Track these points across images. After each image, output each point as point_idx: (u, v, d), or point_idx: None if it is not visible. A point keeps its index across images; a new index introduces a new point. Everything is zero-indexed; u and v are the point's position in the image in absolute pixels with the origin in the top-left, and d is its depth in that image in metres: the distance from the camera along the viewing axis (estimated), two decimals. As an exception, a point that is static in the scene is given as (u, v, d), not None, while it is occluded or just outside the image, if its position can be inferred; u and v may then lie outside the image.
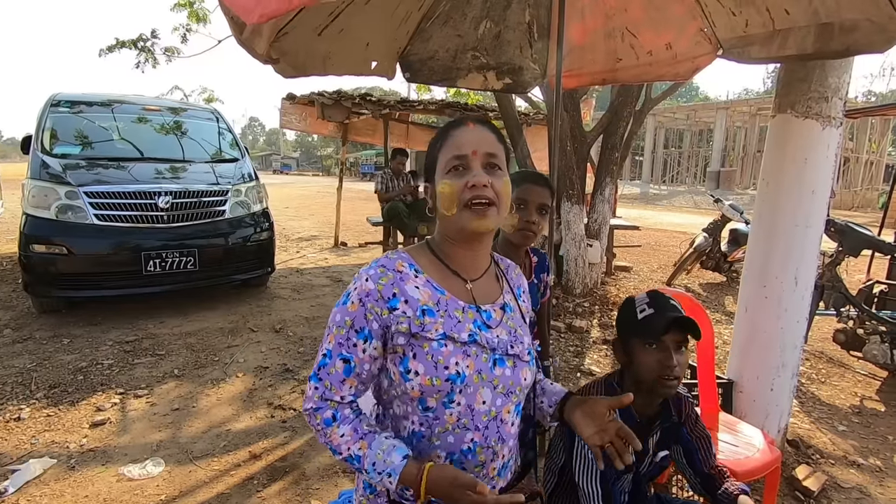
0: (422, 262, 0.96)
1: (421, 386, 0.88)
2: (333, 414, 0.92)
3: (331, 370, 0.91)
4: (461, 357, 0.89)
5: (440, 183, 0.93)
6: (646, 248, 8.61)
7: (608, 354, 3.98)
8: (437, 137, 0.99)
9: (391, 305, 0.89)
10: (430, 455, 0.92)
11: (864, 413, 3.21)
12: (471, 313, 0.94)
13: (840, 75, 2.33)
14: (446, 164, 0.93)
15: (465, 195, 0.90)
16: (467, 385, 0.89)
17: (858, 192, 20.68)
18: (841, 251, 3.77)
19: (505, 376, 0.93)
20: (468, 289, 0.97)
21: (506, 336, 0.96)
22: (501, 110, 5.67)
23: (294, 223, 11.02)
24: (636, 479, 1.36)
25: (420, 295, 0.91)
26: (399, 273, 0.92)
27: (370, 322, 0.90)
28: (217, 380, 3.26)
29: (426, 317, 0.90)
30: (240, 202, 4.82)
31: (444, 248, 0.99)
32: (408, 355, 0.89)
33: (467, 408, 0.90)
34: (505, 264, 1.10)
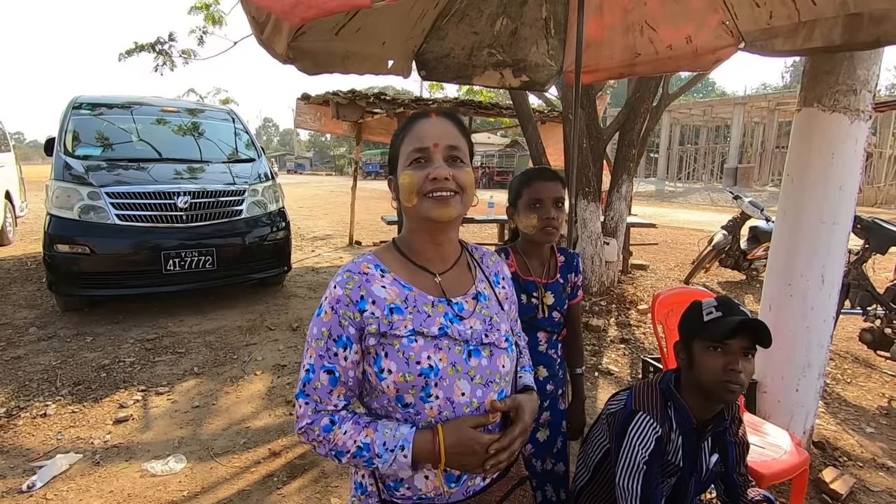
0: (388, 262, 0.96)
1: (395, 383, 0.88)
2: (331, 419, 0.90)
3: (316, 384, 0.90)
4: (433, 351, 0.89)
5: (402, 175, 0.92)
6: (662, 247, 8.50)
7: (626, 353, 3.93)
8: (399, 130, 0.98)
9: (360, 308, 0.89)
10: None
11: (892, 415, 3.12)
12: (441, 307, 0.94)
13: (869, 67, 2.26)
14: (408, 156, 0.92)
15: (426, 187, 0.89)
16: (442, 378, 0.89)
17: (882, 188, 20.17)
18: (868, 248, 3.68)
19: (482, 366, 0.92)
20: (437, 282, 0.96)
21: (480, 326, 0.95)
22: (516, 108, 5.63)
23: (309, 222, 11.10)
24: (681, 482, 1.32)
25: (387, 294, 0.91)
26: (365, 275, 0.92)
27: (346, 328, 0.90)
28: (236, 378, 3.30)
29: (394, 315, 0.90)
30: (256, 202, 4.87)
31: (410, 243, 0.98)
32: (380, 354, 0.89)
33: (447, 401, 0.89)
34: (480, 253, 1.08)
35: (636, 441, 1.24)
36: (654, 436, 1.24)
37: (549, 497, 1.60)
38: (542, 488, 1.59)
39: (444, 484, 0.92)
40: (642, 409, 1.28)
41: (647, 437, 1.24)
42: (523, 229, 1.49)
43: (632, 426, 1.26)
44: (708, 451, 1.34)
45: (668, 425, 1.27)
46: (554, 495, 1.60)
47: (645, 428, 1.25)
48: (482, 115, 7.55)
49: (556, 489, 1.60)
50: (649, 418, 1.26)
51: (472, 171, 0.95)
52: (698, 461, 1.33)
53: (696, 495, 1.39)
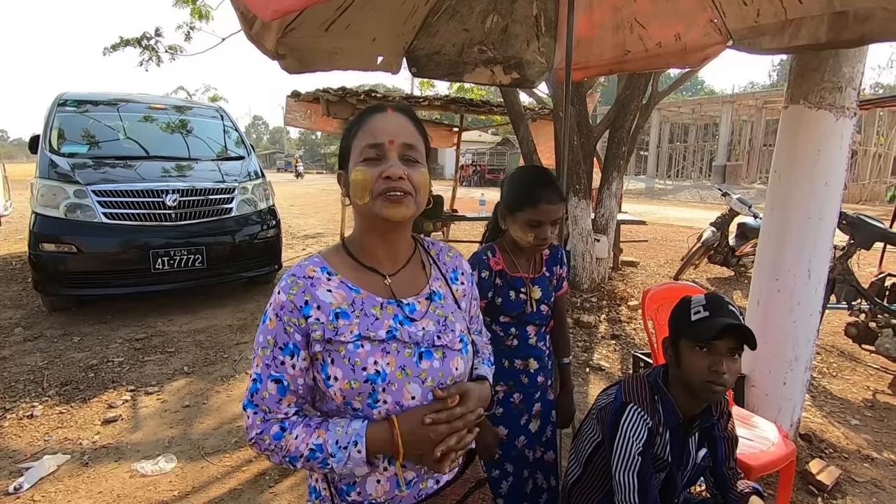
0: (335, 264, 0.92)
1: (342, 390, 0.85)
2: (281, 426, 0.87)
3: (264, 394, 0.87)
4: (380, 355, 0.86)
5: (354, 170, 0.88)
6: (652, 243, 8.57)
7: (616, 349, 3.96)
8: (353, 122, 0.93)
9: (304, 314, 0.86)
10: (369, 457, 0.87)
11: (876, 407, 3.18)
12: (390, 308, 0.90)
13: (854, 65, 2.30)
14: (361, 151, 0.88)
15: (379, 185, 0.86)
16: (390, 383, 0.86)
17: (866, 185, 20.50)
18: (853, 244, 3.73)
19: (433, 369, 0.89)
20: (387, 284, 0.93)
21: (433, 327, 0.92)
22: (507, 105, 5.64)
23: (299, 221, 11.04)
24: (670, 477, 1.34)
25: (333, 298, 0.88)
26: (310, 279, 0.88)
27: (291, 335, 0.86)
28: (227, 377, 3.28)
29: (340, 320, 0.87)
30: (246, 200, 4.83)
31: (359, 243, 0.95)
32: (326, 361, 0.86)
33: (395, 405, 0.86)
34: (437, 249, 1.04)
35: (630, 432, 1.25)
36: (645, 426, 1.25)
37: (539, 484, 1.62)
38: (533, 476, 1.61)
39: (403, 480, 0.89)
40: (633, 402, 1.29)
41: (640, 428, 1.25)
42: (516, 238, 1.48)
43: (624, 418, 1.27)
44: (695, 447, 1.36)
45: (657, 419, 1.29)
46: (544, 482, 1.62)
47: (637, 419, 1.26)
48: (473, 113, 7.55)
49: (546, 476, 1.62)
50: (640, 410, 1.27)
51: (427, 171, 0.91)
52: (685, 456, 1.34)
53: (685, 489, 1.41)
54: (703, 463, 1.38)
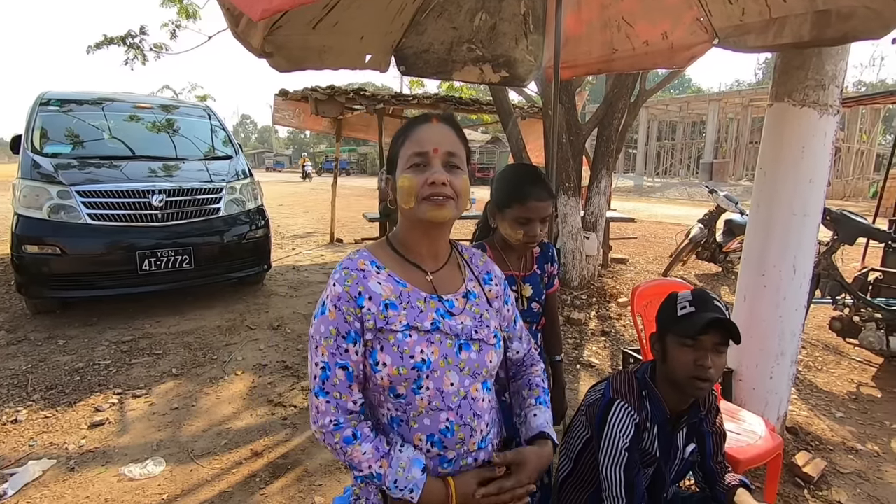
0: (383, 258, 0.99)
1: (389, 376, 0.92)
2: (354, 433, 0.94)
3: (335, 381, 0.94)
4: (425, 345, 0.93)
5: (401, 177, 0.95)
6: (641, 240, 8.64)
7: (606, 346, 3.99)
8: (400, 132, 1.01)
9: (359, 304, 0.93)
10: (414, 440, 0.96)
11: (861, 399, 3.24)
12: (433, 303, 0.98)
13: (837, 63, 2.33)
14: (408, 159, 0.95)
15: (424, 191, 0.93)
16: (434, 370, 0.93)
17: (850, 181, 20.84)
18: (837, 239, 3.79)
19: (471, 359, 0.97)
20: (429, 280, 1.00)
21: (470, 322, 1.00)
22: (496, 104, 5.65)
23: (289, 220, 10.96)
24: (658, 472, 1.35)
25: (382, 290, 0.95)
26: (362, 271, 0.95)
27: (352, 324, 0.93)
28: (216, 378, 3.25)
29: (389, 310, 0.93)
30: (234, 199, 4.79)
31: (404, 241, 1.02)
32: (375, 348, 0.93)
33: (437, 391, 0.94)
34: (469, 253, 1.12)
35: (616, 428, 1.26)
36: (632, 422, 1.26)
37: None
38: None
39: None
40: (620, 397, 1.30)
41: (627, 424, 1.26)
42: (505, 236, 1.49)
43: (611, 414, 1.28)
44: (682, 442, 1.37)
45: (645, 414, 1.30)
46: (538, 481, 1.62)
47: (624, 415, 1.27)
48: (463, 112, 7.55)
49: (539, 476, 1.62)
50: (627, 405, 1.28)
51: (468, 177, 0.98)
52: (673, 451, 1.35)
53: (673, 483, 1.42)
54: (691, 458, 1.39)
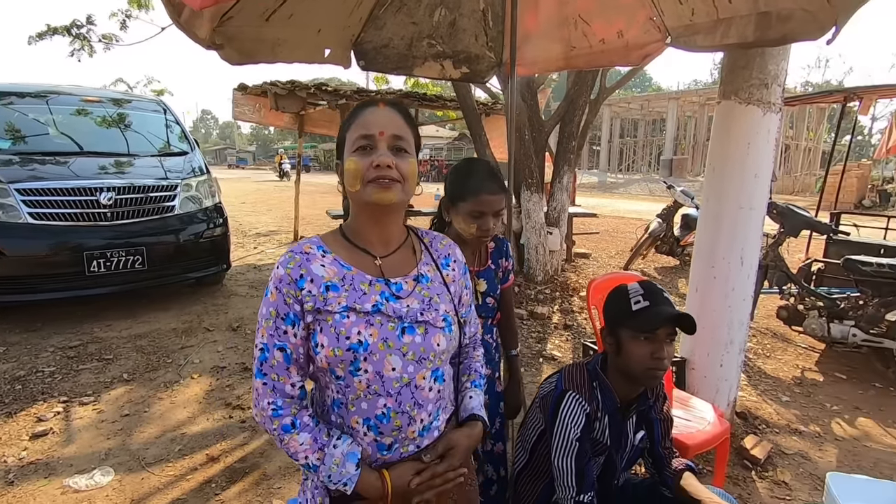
0: (331, 244, 1.00)
1: (326, 357, 0.92)
2: (293, 421, 0.94)
3: (273, 362, 0.94)
4: (363, 326, 0.93)
5: (347, 160, 0.96)
6: (604, 235, 8.84)
7: (569, 339, 4.07)
8: (348, 117, 1.01)
9: (299, 286, 0.93)
10: (351, 422, 0.96)
11: (804, 384, 3.42)
12: (378, 286, 0.98)
13: (778, 63, 2.43)
14: (353, 142, 0.96)
15: (370, 174, 0.93)
16: (372, 353, 0.93)
17: (798, 177, 21.93)
18: (783, 232, 3.98)
19: (415, 343, 0.96)
20: (377, 264, 1.01)
21: (417, 305, 0.99)
22: (460, 100, 5.65)
23: (251, 218, 10.69)
24: (609, 459, 1.38)
25: (325, 272, 0.95)
26: (306, 255, 0.96)
27: (291, 306, 0.93)
28: (170, 382, 3.13)
29: (330, 292, 0.94)
30: (190, 197, 4.62)
31: (353, 227, 1.03)
32: (315, 330, 0.93)
33: (375, 374, 0.93)
34: (430, 237, 1.13)
35: (568, 419, 1.28)
36: (583, 412, 1.29)
37: (490, 476, 1.64)
38: (483, 469, 1.62)
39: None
40: (572, 389, 1.32)
41: (578, 415, 1.28)
42: (459, 230, 1.49)
43: (563, 405, 1.30)
44: (632, 429, 1.41)
45: (595, 404, 1.33)
46: (494, 474, 1.64)
47: (575, 406, 1.29)
48: (427, 107, 7.52)
49: (496, 468, 1.64)
50: (578, 396, 1.30)
51: (415, 161, 0.99)
52: (623, 439, 1.39)
53: (624, 470, 1.46)
54: (640, 444, 1.43)
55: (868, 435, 2.81)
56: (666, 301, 1.32)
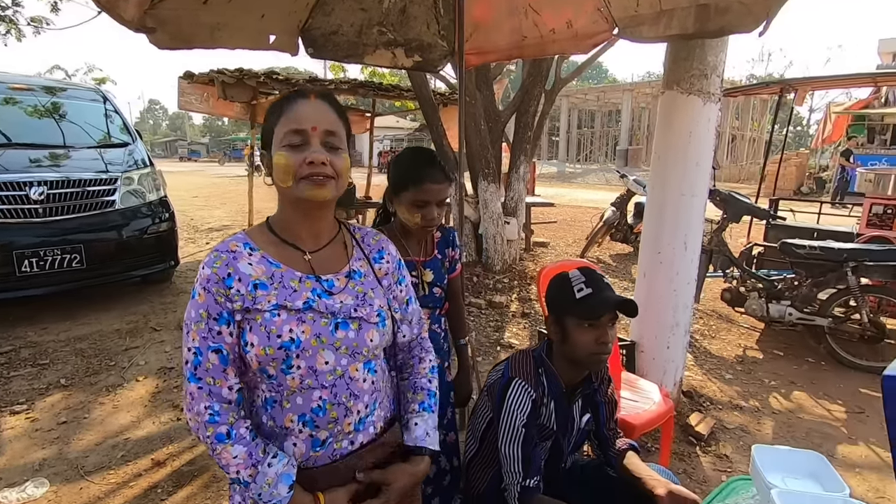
0: (258, 240, 0.97)
1: (257, 356, 0.90)
2: (228, 431, 0.90)
3: (207, 365, 0.91)
4: (295, 324, 0.91)
5: (277, 154, 0.92)
6: (562, 224, 9.01)
7: (526, 327, 4.13)
8: (276, 106, 0.97)
9: (227, 285, 0.91)
10: (285, 421, 0.93)
11: (746, 361, 3.61)
12: (309, 283, 0.96)
13: (717, 54, 2.52)
14: (284, 136, 0.92)
15: (303, 170, 0.91)
16: (305, 349, 0.91)
17: (744, 166, 23.00)
18: (725, 218, 4.16)
19: (348, 338, 0.95)
20: (306, 260, 0.98)
21: (351, 300, 0.98)
22: (416, 90, 5.58)
23: (204, 213, 10.29)
24: (556, 445, 1.41)
25: (253, 271, 0.93)
26: (232, 253, 0.93)
27: (223, 305, 0.91)
28: (113, 386, 2.98)
29: (258, 290, 0.92)
30: (133, 191, 4.38)
31: (281, 222, 1.00)
32: (245, 329, 0.91)
33: (309, 370, 0.92)
34: (363, 233, 1.11)
35: (514, 406, 1.30)
36: (529, 399, 1.30)
37: (442, 467, 1.63)
38: (437, 460, 1.62)
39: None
40: (518, 376, 1.34)
41: (524, 401, 1.30)
42: (403, 220, 1.47)
43: (509, 392, 1.31)
44: (578, 413, 1.44)
45: (541, 390, 1.34)
46: (447, 464, 1.64)
47: (521, 392, 1.31)
48: (383, 97, 7.41)
49: (448, 458, 1.64)
50: (524, 383, 1.32)
51: (348, 156, 0.97)
52: (570, 423, 1.42)
53: (572, 453, 1.49)
54: (587, 427, 1.46)
55: (802, 407, 2.99)
56: (608, 287, 1.34)
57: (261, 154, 1.00)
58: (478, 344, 3.73)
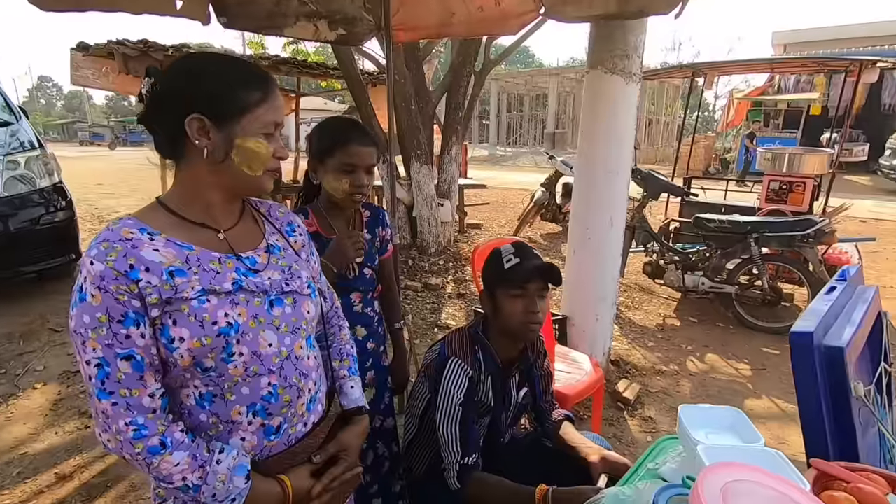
0: (157, 223, 0.85)
1: (190, 350, 0.80)
2: (162, 440, 0.80)
3: (118, 376, 0.78)
4: (229, 307, 0.84)
5: (253, 140, 0.85)
6: (494, 206, 9.15)
7: (462, 308, 4.16)
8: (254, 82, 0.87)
9: (132, 278, 0.78)
10: (231, 414, 0.86)
11: (665, 329, 3.87)
12: (230, 262, 0.88)
13: (637, 35, 2.61)
14: (266, 125, 0.87)
15: (273, 164, 0.89)
16: (244, 333, 0.85)
17: (659, 148, 24.58)
18: (646, 195, 4.40)
19: (286, 314, 0.91)
20: (222, 238, 0.90)
21: (278, 276, 0.92)
22: (342, 68, 5.37)
23: (110, 201, 9.39)
24: (495, 421, 1.41)
25: (162, 257, 0.81)
26: (129, 241, 0.80)
27: (128, 304, 0.78)
28: (5, 395, 2.64)
29: (176, 278, 0.81)
30: (19, 176, 3.88)
31: (188, 200, 0.88)
32: (167, 324, 0.80)
33: (253, 355, 0.86)
34: (266, 206, 1.03)
35: (451, 385, 1.28)
36: (466, 377, 1.29)
37: (381, 454, 1.60)
38: (374, 446, 1.58)
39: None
40: (454, 355, 1.32)
41: (461, 380, 1.29)
42: (330, 190, 1.39)
43: (446, 372, 1.29)
44: (515, 388, 1.45)
45: (478, 367, 1.34)
46: (386, 451, 1.60)
47: (458, 371, 1.29)
48: (308, 76, 7.08)
49: (387, 444, 1.60)
50: (461, 362, 1.30)
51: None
52: (507, 398, 1.43)
53: (510, 428, 1.51)
54: (524, 401, 1.48)
55: (714, 368, 3.26)
56: (535, 257, 1.36)
57: (196, 117, 0.82)
58: (415, 327, 3.70)
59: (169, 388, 0.86)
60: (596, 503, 0.92)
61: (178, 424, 0.84)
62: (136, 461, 0.80)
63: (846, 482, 0.87)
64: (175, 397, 0.87)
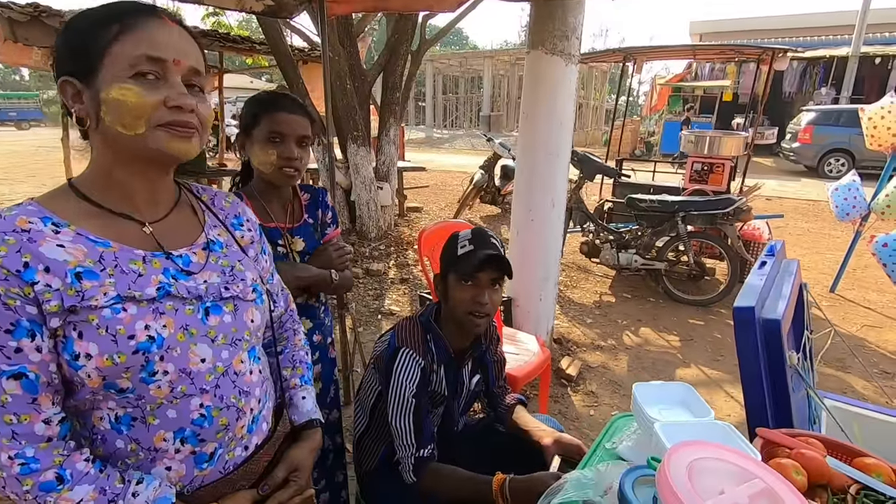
0: (65, 212, 0.70)
1: (99, 369, 0.67)
2: (59, 474, 0.66)
3: (3, 399, 0.64)
4: (151, 318, 0.70)
5: (119, 87, 0.66)
6: (434, 189, 9.09)
7: (406, 293, 4.10)
8: (111, 16, 0.68)
9: (26, 279, 0.64)
10: (154, 441, 0.73)
11: (602, 306, 4.03)
12: (157, 262, 0.74)
13: (576, 16, 2.61)
14: (131, 63, 0.67)
15: (162, 115, 0.68)
16: (170, 348, 0.71)
17: (589, 132, 25.54)
18: (582, 177, 4.52)
19: (224, 324, 0.78)
20: (147, 233, 0.75)
21: (217, 278, 0.79)
22: (270, 44, 5.03)
23: (3, 188, 8.36)
24: (448, 410, 1.37)
25: (68, 255, 0.67)
26: (26, 233, 0.66)
27: (20, 310, 0.64)
28: None
29: (84, 280, 0.67)
30: None
31: (103, 184, 0.74)
32: (70, 336, 0.66)
33: (181, 373, 0.72)
34: (210, 194, 0.88)
35: (402, 377, 1.23)
36: (418, 367, 1.24)
37: (326, 446, 1.52)
38: None
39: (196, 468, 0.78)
40: (405, 345, 1.26)
41: (413, 370, 1.23)
42: (258, 165, 1.26)
43: (397, 363, 1.24)
44: (468, 376, 1.42)
45: (430, 357, 1.29)
46: (330, 443, 1.54)
47: (409, 362, 1.24)
48: (232, 51, 6.58)
49: (331, 437, 1.54)
50: (412, 352, 1.25)
51: (210, 104, 0.78)
52: (460, 387, 1.40)
53: (462, 415, 1.48)
54: (476, 389, 1.46)
55: (648, 341, 3.44)
56: (491, 246, 1.31)
57: (62, 81, 0.68)
58: (358, 314, 3.60)
59: (77, 410, 0.72)
60: (559, 489, 0.90)
61: (81, 453, 0.70)
62: (25, 501, 0.67)
63: (790, 448, 0.92)
64: (85, 420, 0.73)
